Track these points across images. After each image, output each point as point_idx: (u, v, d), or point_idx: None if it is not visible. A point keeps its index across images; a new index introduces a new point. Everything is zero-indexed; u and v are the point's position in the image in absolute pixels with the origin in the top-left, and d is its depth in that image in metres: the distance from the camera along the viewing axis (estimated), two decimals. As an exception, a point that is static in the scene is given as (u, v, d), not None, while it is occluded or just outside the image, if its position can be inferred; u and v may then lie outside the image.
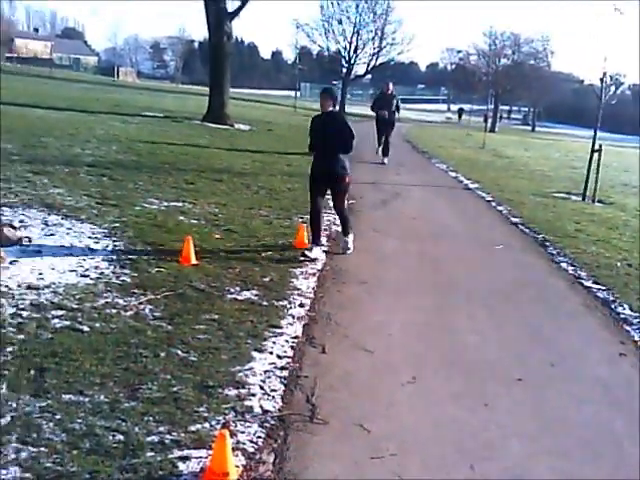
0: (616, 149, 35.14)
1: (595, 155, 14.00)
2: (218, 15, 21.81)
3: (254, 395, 4.02)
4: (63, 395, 3.71)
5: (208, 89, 24.19)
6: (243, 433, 3.60)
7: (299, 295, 5.97)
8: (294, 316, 5.43)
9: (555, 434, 4.01)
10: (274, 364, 4.50)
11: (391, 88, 16.86)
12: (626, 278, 7.70)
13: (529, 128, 66.30)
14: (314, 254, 7.20)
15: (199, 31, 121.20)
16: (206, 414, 3.71)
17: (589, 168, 14.10)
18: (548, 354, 5.26)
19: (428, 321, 5.78)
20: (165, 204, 8.93)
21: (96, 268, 5.95)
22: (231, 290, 5.82)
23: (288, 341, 4.92)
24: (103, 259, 6.23)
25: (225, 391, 4.00)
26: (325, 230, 8.72)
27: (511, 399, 4.41)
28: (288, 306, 5.64)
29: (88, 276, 5.72)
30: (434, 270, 7.51)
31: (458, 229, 9.94)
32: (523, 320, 6.06)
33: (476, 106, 68.54)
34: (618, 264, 8.37)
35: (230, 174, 12.25)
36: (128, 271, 5.97)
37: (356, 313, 5.78)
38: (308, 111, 44.22)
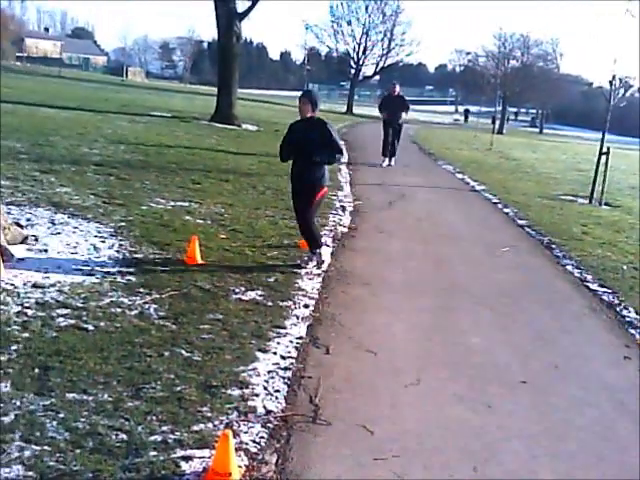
0: (624, 152, 34.99)
1: (603, 158, 13.95)
2: (228, 16, 21.85)
3: (257, 395, 4.03)
4: (67, 394, 3.73)
5: (216, 89, 24.25)
6: (246, 433, 3.61)
7: (304, 296, 5.98)
8: (298, 317, 5.44)
9: (559, 437, 4.00)
10: (278, 364, 4.50)
11: (398, 89, 16.54)
12: (632, 281, 7.67)
13: (537, 130, 66.10)
14: (323, 256, 6.91)
15: (208, 31, 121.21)
16: (209, 414, 3.72)
17: (596, 171, 14.04)
18: (553, 356, 5.24)
19: (432, 323, 5.77)
20: (171, 204, 8.96)
21: (102, 267, 5.97)
22: (236, 290, 5.83)
23: (292, 342, 4.92)
24: (109, 258, 6.26)
25: (228, 391, 4.01)
26: (331, 231, 8.72)
27: (515, 401, 4.40)
28: (292, 307, 5.65)
29: (93, 275, 5.74)
30: (439, 271, 7.50)
31: (464, 231, 9.92)
32: (528, 322, 6.05)
33: (484, 108, 68.42)
34: (624, 267, 8.34)
35: (237, 174, 12.26)
36: (133, 270, 5.99)
37: (360, 314, 5.78)
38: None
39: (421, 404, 4.24)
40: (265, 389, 4.13)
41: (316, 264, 6.85)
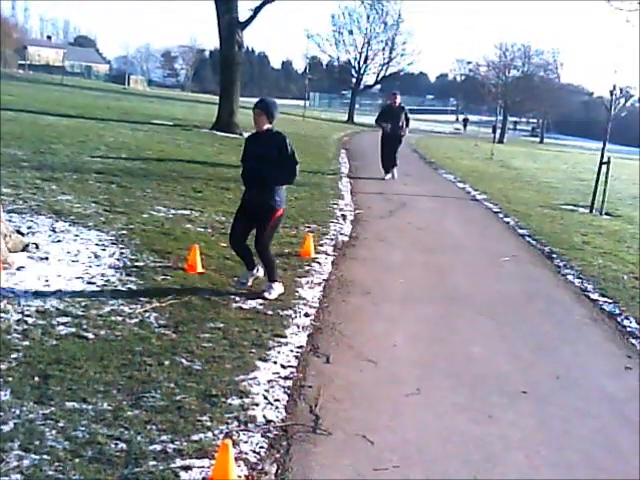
0: (625, 161, 35.03)
1: (603, 167, 13.96)
2: (230, 25, 21.93)
3: (257, 405, 4.02)
4: (66, 402, 3.72)
5: (218, 98, 24.30)
6: (246, 443, 3.60)
7: (304, 305, 5.97)
8: (299, 326, 5.43)
9: (559, 447, 3.99)
10: (278, 374, 4.49)
11: (398, 100, 15.50)
12: (633, 291, 7.66)
13: (537, 140, 66.15)
14: (274, 292, 6.03)
15: (210, 40, 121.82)
16: (209, 423, 3.70)
17: (597, 180, 14.06)
18: (553, 366, 5.23)
19: (433, 332, 5.77)
20: (172, 212, 8.96)
21: (102, 275, 5.97)
22: (236, 299, 5.83)
23: (292, 351, 4.91)
24: (109, 266, 6.26)
25: (228, 400, 4.00)
26: (332, 239, 8.72)
27: (515, 411, 4.39)
28: (293, 315, 5.64)
29: (94, 283, 5.74)
30: (440, 281, 7.49)
31: (464, 240, 9.92)
32: (529, 332, 6.04)
33: (485, 117, 68.49)
34: (625, 277, 8.34)
35: (238, 183, 12.18)
36: (134, 279, 5.98)
37: (361, 323, 5.77)
38: (317, 120, 44.42)
39: (421, 414, 4.23)
40: (265, 398, 4.12)
41: (265, 292, 5.98)
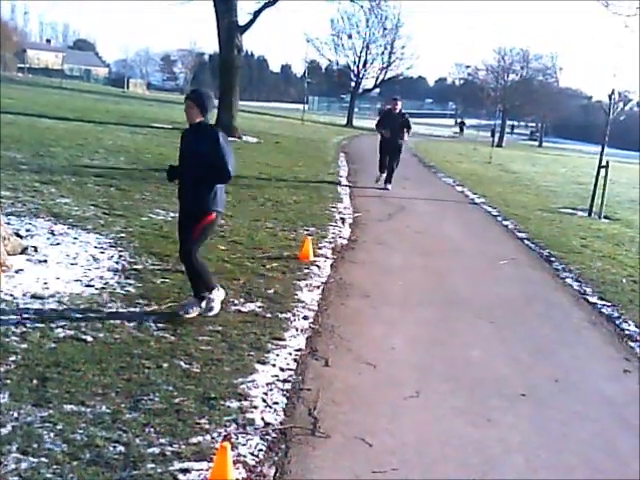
0: (624, 165, 35.06)
1: (602, 171, 13.98)
2: (229, 29, 21.96)
3: (256, 407, 4.01)
4: (65, 405, 3.71)
5: (217, 101, 24.32)
6: (244, 446, 3.59)
7: (303, 307, 5.97)
8: (298, 328, 5.43)
9: (558, 450, 3.98)
10: (277, 376, 4.49)
11: (399, 106, 14.31)
12: (631, 294, 7.66)
13: (536, 143, 66.21)
14: (213, 301, 5.41)
15: (210, 44, 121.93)
16: (208, 426, 3.70)
17: (596, 184, 14.07)
18: (552, 370, 5.23)
19: (432, 335, 5.76)
20: (171, 215, 8.94)
21: (101, 278, 5.96)
22: (235, 302, 5.82)
23: (291, 354, 4.91)
24: (108, 269, 6.25)
25: (227, 403, 3.99)
26: (331, 242, 8.72)
27: (514, 414, 4.39)
28: (292, 318, 5.64)
29: (93, 286, 5.74)
30: (439, 284, 7.49)
31: (463, 243, 9.92)
32: (527, 335, 6.04)
33: (484, 121, 68.53)
34: (624, 280, 8.34)
35: (236, 186, 12.25)
36: (133, 281, 5.98)
37: (360, 326, 5.77)
38: (316, 124, 44.42)
39: (420, 417, 4.23)
40: (264, 401, 4.11)
41: (203, 310, 5.37)
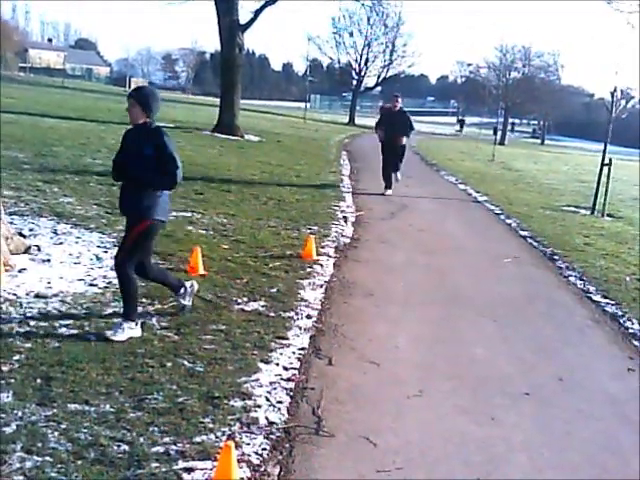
0: (626, 163, 35.00)
1: (605, 169, 13.96)
2: (230, 27, 21.97)
3: (260, 407, 4.01)
4: (69, 404, 3.72)
5: (219, 100, 24.33)
6: (248, 445, 3.59)
7: (306, 306, 5.96)
8: (301, 327, 5.42)
9: (562, 449, 3.98)
10: (280, 375, 4.49)
11: (399, 103, 13.70)
12: (635, 293, 7.65)
13: (538, 141, 66.09)
14: (126, 332, 4.74)
15: (211, 43, 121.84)
16: (211, 425, 3.70)
17: (599, 181, 14.05)
18: (556, 368, 5.22)
19: (435, 334, 5.76)
20: (174, 214, 8.93)
21: (104, 277, 5.97)
22: (238, 301, 5.82)
23: (295, 352, 4.91)
24: (111, 268, 6.24)
25: (231, 402, 3.99)
26: (333, 241, 8.71)
27: (518, 413, 4.38)
28: (295, 317, 5.64)
29: (96, 285, 5.74)
30: (442, 282, 7.48)
31: (466, 241, 9.92)
32: (531, 334, 6.03)
33: (486, 119, 68.41)
34: (627, 278, 8.33)
35: (239, 185, 12.28)
36: (136, 281, 5.97)
37: (363, 325, 5.77)
38: (318, 122, 44.39)
39: (424, 416, 4.22)
40: (267, 400, 4.11)
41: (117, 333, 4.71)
